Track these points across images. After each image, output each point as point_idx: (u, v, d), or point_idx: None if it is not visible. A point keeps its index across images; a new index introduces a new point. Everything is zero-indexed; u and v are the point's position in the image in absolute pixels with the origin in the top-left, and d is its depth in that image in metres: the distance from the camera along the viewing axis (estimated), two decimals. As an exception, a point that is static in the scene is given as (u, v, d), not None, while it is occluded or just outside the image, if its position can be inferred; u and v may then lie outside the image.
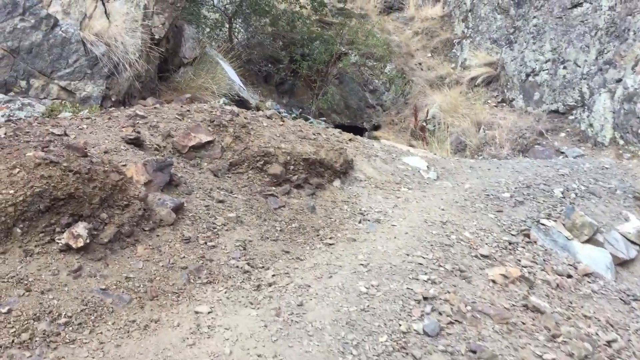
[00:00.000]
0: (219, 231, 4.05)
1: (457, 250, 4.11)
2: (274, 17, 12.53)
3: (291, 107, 12.77)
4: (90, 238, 3.49)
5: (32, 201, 3.34)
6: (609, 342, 3.57)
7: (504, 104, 11.74)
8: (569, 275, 4.37)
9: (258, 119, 5.71)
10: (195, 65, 9.03)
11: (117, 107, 7.36)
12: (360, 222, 4.63)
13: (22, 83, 6.50)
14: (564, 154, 9.67)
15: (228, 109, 5.79)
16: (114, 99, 7.36)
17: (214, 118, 5.29)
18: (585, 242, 4.88)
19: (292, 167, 5.16)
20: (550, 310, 3.55)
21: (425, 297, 3.23)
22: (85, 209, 3.59)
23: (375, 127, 13.28)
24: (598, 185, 5.80)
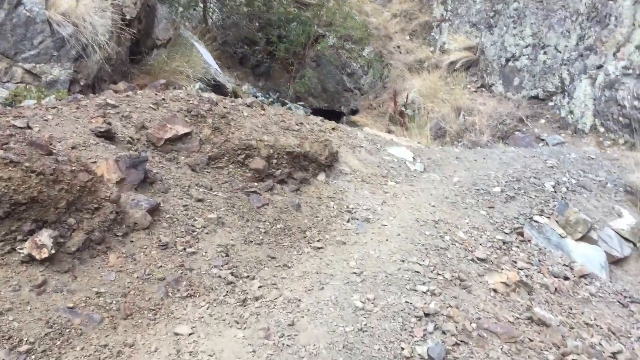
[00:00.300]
0: (199, 235, 3.69)
1: (453, 254, 3.83)
2: (249, -3, 12.04)
3: (268, 91, 12.34)
4: (56, 247, 3.10)
5: (-12, 208, 2.95)
6: (614, 353, 3.34)
7: (484, 89, 11.49)
8: (565, 277, 4.13)
9: (238, 108, 5.32)
10: (169, 47, 8.54)
11: (86, 92, 6.88)
12: (348, 221, 4.31)
13: (-17, 66, 6.00)
14: (545, 141, 9.48)
15: (206, 97, 5.38)
16: (82, 83, 6.87)
17: (191, 108, 4.89)
18: (579, 239, 4.66)
19: (275, 161, 4.80)
20: (556, 323, 3.29)
21: (426, 314, 2.93)
22: (50, 214, 3.19)
23: (353, 112, 12.93)
24: (588, 178, 5.57)
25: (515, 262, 4.09)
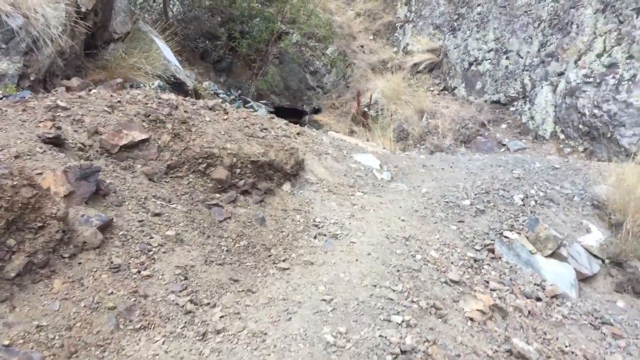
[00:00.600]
0: (155, 254, 3.35)
1: (426, 276, 3.59)
2: (212, -10, 11.60)
3: (229, 88, 11.94)
4: (-7, 273, 2.73)
5: None
6: (591, 384, 3.17)
7: (446, 92, 11.38)
8: (537, 297, 3.96)
9: (200, 112, 4.97)
10: (127, 41, 8.07)
11: (36, 87, 6.40)
12: (315, 237, 4.03)
13: None
14: (506, 146, 9.42)
15: (166, 100, 5.00)
16: (32, 78, 6.39)
17: (149, 111, 4.51)
18: (548, 256, 4.50)
19: (238, 170, 4.48)
20: (535, 356, 3.09)
21: (403, 351, 2.68)
22: (-13, 236, 2.82)
23: (316, 111, 12.65)
24: (555, 190, 5.44)
25: (488, 283, 3.89)
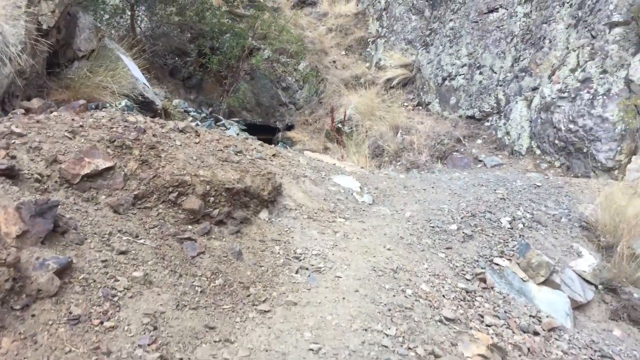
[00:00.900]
0: (121, 300, 2.96)
1: (420, 315, 3.28)
2: (181, 6, 11.17)
3: (200, 105, 11.54)
4: None
5: None
6: None
7: (420, 107, 11.18)
8: (535, 332, 3.68)
9: (169, 136, 4.59)
10: (92, 59, 7.62)
11: (-6, 110, 5.95)
12: (297, 271, 3.68)
13: None
14: (482, 162, 9.22)
15: (132, 122, 4.61)
16: (-10, 100, 5.93)
17: (114, 137, 4.12)
18: (541, 283, 4.23)
19: (212, 199, 4.11)
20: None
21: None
22: None
23: (289, 127, 12.32)
24: (541, 211, 5.20)
25: (482, 317, 3.59)
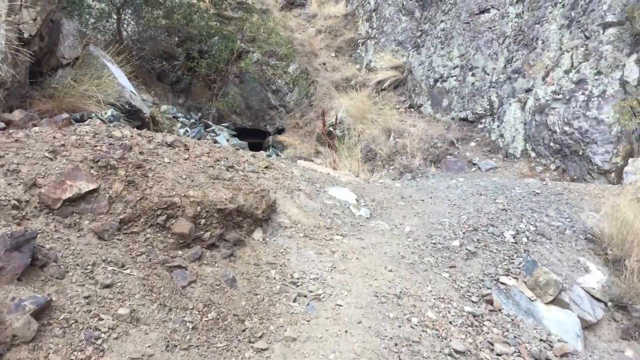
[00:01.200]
0: (105, 342, 2.69)
1: (428, 349, 3.03)
2: (168, 9, 10.83)
3: (189, 110, 11.23)
4: None
5: None
6: None
7: (412, 109, 10.94)
8: (547, 359, 3.45)
9: (157, 152, 4.31)
10: (77, 67, 7.30)
11: (-27, 123, 5.63)
12: (295, 300, 3.43)
13: None
14: (477, 165, 9.00)
15: (118, 138, 4.32)
16: (-31, 113, 5.63)
17: (98, 156, 3.83)
18: (549, 302, 4.01)
19: (203, 220, 3.84)
20: None
21: None
22: None
23: (279, 131, 12.04)
24: (544, 223, 4.98)
25: (492, 345, 3.36)
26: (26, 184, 3.49)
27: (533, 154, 8.66)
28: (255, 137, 11.84)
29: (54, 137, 4.11)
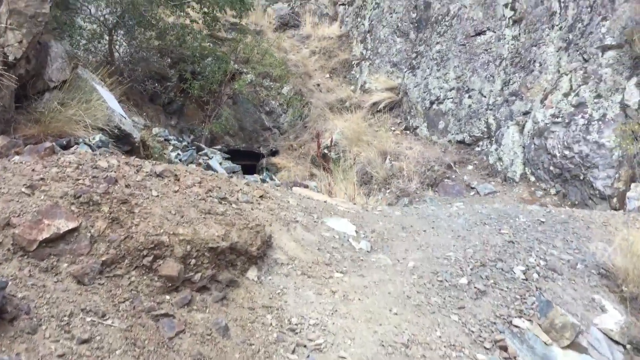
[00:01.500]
0: (81, 411, 2.34)
1: (443, 411, 2.70)
2: (161, 30, 10.55)
3: (181, 131, 10.92)
4: None
5: None
6: None
7: (408, 132, 10.67)
8: (569, 413, 3.13)
9: (145, 185, 3.98)
10: (65, 90, 6.98)
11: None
12: (294, 351, 3.09)
13: None
14: (475, 189, 8.72)
15: (103, 169, 3.99)
16: (-51, 140, 5.27)
17: (80, 191, 3.49)
18: (566, 347, 3.69)
19: (193, 260, 3.50)
20: None
21: None
22: None
23: (273, 153, 11.73)
24: (554, 256, 4.67)
25: (510, 400, 3.03)
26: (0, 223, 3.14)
27: (532, 178, 8.39)
28: (249, 159, 11.53)
29: (34, 169, 3.78)
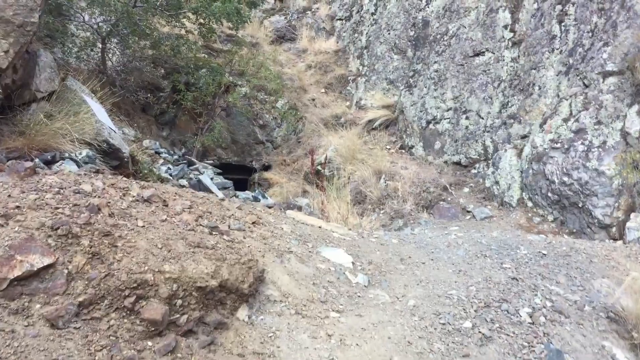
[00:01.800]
0: None
1: None
2: (155, 39, 10.23)
3: (173, 143, 10.59)
4: None
5: None
6: None
7: (403, 151, 10.41)
8: None
9: (131, 213, 3.66)
10: (52, 102, 6.64)
11: None
12: (287, 411, 2.78)
13: None
14: (471, 213, 8.46)
15: (86, 194, 3.67)
16: None
17: (58, 223, 3.16)
18: (577, 401, 3.41)
19: (179, 301, 3.18)
20: None
21: None
22: None
23: (266, 167, 11.42)
24: (560, 297, 4.40)
25: None
26: (-34, 259, 2.81)
27: (530, 204, 8.14)
28: (241, 173, 11.21)
29: (10, 194, 3.44)
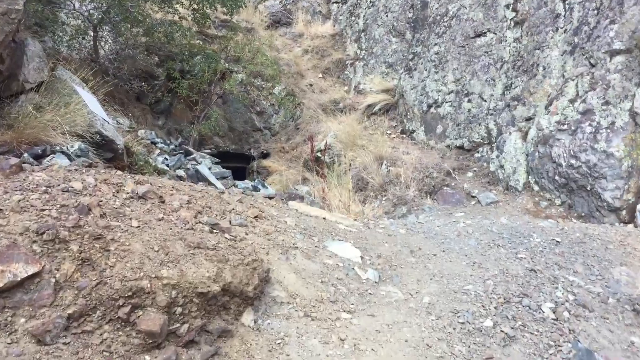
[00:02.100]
0: None
1: None
2: (148, 26, 9.80)
3: (169, 133, 10.22)
4: None
5: None
6: None
7: (404, 135, 10.07)
8: None
9: (124, 212, 3.33)
10: (42, 93, 6.26)
11: None
12: None
13: None
14: (476, 198, 8.15)
15: (75, 193, 3.33)
16: None
17: (44, 227, 2.83)
18: (609, 404, 3.13)
19: (179, 309, 2.87)
20: None
21: None
22: None
23: (264, 155, 11.07)
24: (582, 289, 4.11)
25: None
26: (-60, 270, 2.49)
27: (536, 188, 7.84)
28: (239, 161, 10.87)
29: (-9, 195, 3.11)
